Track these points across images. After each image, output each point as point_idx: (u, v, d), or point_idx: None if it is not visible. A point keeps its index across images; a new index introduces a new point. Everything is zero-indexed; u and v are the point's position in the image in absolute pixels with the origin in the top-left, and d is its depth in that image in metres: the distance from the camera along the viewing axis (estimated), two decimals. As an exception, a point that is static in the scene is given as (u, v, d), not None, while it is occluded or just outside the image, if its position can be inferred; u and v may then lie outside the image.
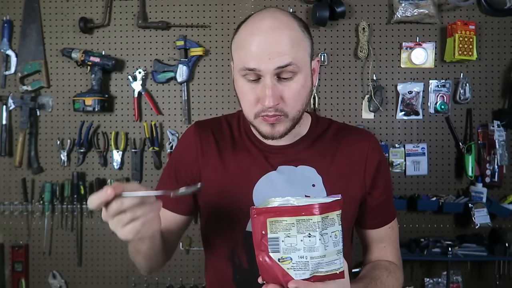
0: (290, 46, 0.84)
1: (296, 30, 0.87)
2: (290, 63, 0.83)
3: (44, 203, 2.01)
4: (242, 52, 0.86)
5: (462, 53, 1.87)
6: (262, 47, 0.83)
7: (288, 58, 0.83)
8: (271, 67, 0.83)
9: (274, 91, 0.83)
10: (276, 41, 0.83)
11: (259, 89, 0.85)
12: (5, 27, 2.01)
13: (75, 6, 2.03)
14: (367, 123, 2.00)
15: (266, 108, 0.84)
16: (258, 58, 0.83)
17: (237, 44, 0.91)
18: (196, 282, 2.02)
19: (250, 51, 0.84)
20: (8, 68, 2.03)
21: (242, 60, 0.86)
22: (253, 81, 0.86)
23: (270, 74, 0.83)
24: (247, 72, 0.85)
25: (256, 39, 0.84)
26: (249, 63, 0.84)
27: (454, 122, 1.99)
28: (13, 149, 2.04)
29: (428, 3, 1.91)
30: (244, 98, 0.89)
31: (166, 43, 2.02)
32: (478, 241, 1.91)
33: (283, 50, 0.83)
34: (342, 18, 1.96)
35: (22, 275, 2.02)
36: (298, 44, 0.85)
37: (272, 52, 0.82)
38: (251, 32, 0.86)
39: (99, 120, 2.03)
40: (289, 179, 0.94)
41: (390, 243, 1.04)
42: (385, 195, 1.00)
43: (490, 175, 1.93)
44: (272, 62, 0.82)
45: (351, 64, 2.00)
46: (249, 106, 0.87)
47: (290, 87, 0.85)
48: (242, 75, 0.87)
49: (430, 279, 2.00)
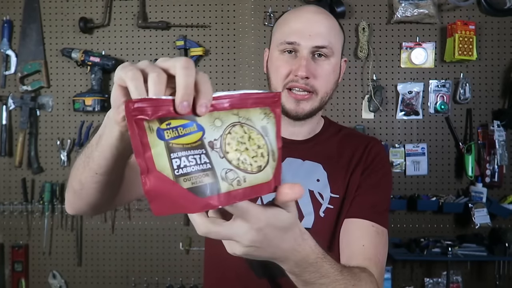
0: (329, 30, 0.92)
1: (335, 22, 0.96)
2: (327, 45, 0.90)
3: (44, 203, 2.01)
4: (286, 27, 0.93)
5: (462, 53, 1.87)
6: (305, 25, 0.91)
7: (326, 40, 0.91)
8: (310, 44, 0.90)
9: (308, 64, 0.89)
10: (318, 23, 0.91)
11: (294, 62, 0.91)
12: (5, 27, 2.01)
13: (75, 6, 2.03)
14: (367, 123, 2.00)
15: (299, 79, 0.89)
16: (300, 34, 0.90)
17: (280, 23, 0.97)
18: (196, 282, 2.02)
19: (293, 27, 0.91)
20: (8, 68, 2.03)
21: (284, 35, 0.92)
22: (290, 56, 0.92)
23: (307, 50, 0.90)
24: (286, 46, 0.91)
25: (300, 18, 0.92)
26: (291, 37, 0.90)
27: (454, 122, 1.99)
28: (13, 149, 2.04)
29: (428, 3, 1.91)
30: (277, 70, 0.93)
31: (166, 43, 2.02)
32: (478, 241, 1.91)
33: (323, 32, 0.90)
34: (342, 18, 1.96)
35: (22, 275, 2.02)
36: (335, 32, 0.94)
37: (313, 31, 0.90)
38: (296, 12, 0.95)
39: (99, 120, 2.03)
40: (295, 172, 0.94)
41: (372, 244, 0.86)
42: (373, 187, 0.93)
43: (490, 175, 1.93)
44: (312, 40, 0.90)
45: (351, 64, 2.00)
46: (281, 78, 0.92)
47: (322, 66, 0.92)
48: (281, 50, 0.93)
49: (430, 279, 2.00)
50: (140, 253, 2.04)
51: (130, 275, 2.04)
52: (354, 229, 0.88)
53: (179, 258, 2.03)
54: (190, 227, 2.04)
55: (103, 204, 0.73)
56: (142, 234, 2.04)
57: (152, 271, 2.04)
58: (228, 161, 0.47)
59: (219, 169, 0.46)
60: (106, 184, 0.66)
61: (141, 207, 2.02)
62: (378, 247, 0.87)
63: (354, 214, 0.90)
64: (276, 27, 0.98)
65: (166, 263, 2.03)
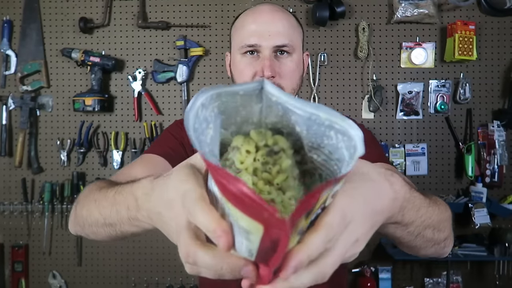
0: (288, 28, 0.92)
1: (292, 17, 0.96)
2: (287, 43, 0.91)
3: (44, 203, 2.01)
4: (243, 31, 0.93)
5: (462, 53, 1.87)
6: (263, 25, 0.91)
7: (286, 38, 0.91)
8: (271, 43, 0.90)
9: (272, 63, 0.90)
10: (276, 22, 0.91)
11: (257, 63, 0.91)
12: (5, 27, 2.01)
13: (75, 6, 2.03)
14: (367, 123, 2.00)
15: (263, 76, 0.90)
16: (259, 35, 0.90)
17: (237, 27, 0.97)
18: (196, 282, 2.02)
19: (251, 29, 0.92)
20: (8, 68, 2.03)
21: (243, 38, 0.92)
22: (252, 57, 0.92)
23: (269, 50, 0.90)
24: (247, 49, 0.92)
25: (257, 19, 0.93)
26: (250, 39, 0.91)
27: (454, 122, 1.99)
28: (13, 149, 2.04)
29: (428, 3, 1.91)
30: (241, 73, 0.94)
31: (166, 43, 2.02)
32: (478, 241, 1.91)
33: (281, 31, 0.91)
34: (342, 18, 1.96)
35: (22, 275, 2.02)
36: (294, 28, 0.94)
37: (272, 30, 0.90)
38: (252, 13, 0.94)
39: (99, 120, 2.03)
40: None
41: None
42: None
43: (490, 175, 1.93)
44: (272, 39, 0.90)
45: (351, 64, 2.00)
46: (247, 80, 0.92)
47: (286, 64, 0.92)
48: (242, 53, 0.93)
49: (430, 279, 2.00)
50: (140, 253, 2.04)
51: (130, 275, 2.04)
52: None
53: (179, 258, 2.02)
54: (190, 227, 2.03)
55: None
56: (142, 234, 2.03)
57: (152, 271, 2.04)
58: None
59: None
60: (122, 238, 0.65)
61: (141, 207, 2.02)
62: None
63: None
64: (234, 30, 0.98)
65: (166, 263, 2.03)
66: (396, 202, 0.48)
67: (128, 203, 0.54)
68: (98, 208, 0.63)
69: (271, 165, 0.40)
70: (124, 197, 0.56)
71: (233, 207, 0.36)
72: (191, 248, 0.39)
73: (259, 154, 0.41)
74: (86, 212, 0.67)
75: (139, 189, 0.52)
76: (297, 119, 0.40)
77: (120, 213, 0.57)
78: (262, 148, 0.41)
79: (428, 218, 0.58)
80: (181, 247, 0.40)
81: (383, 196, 0.46)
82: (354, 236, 0.40)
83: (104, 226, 0.62)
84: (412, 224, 0.55)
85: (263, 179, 0.40)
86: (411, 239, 0.59)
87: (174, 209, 0.43)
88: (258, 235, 0.35)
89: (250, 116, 0.42)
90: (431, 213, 0.58)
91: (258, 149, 0.41)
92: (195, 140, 0.36)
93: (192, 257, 0.39)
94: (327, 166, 0.40)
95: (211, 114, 0.39)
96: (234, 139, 0.42)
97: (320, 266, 0.37)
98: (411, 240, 0.60)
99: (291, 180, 0.41)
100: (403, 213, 0.52)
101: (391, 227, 0.54)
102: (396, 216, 0.50)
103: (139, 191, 0.52)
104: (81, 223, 0.69)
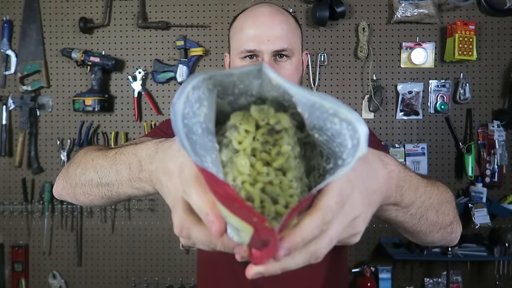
0: (287, 31, 0.90)
1: (290, 18, 0.95)
2: (286, 48, 0.90)
3: (44, 203, 2.01)
4: (242, 35, 0.92)
5: (462, 53, 1.87)
6: (261, 30, 0.89)
7: (285, 42, 0.89)
8: (270, 48, 0.88)
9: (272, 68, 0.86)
10: (275, 26, 0.90)
11: None
12: (5, 27, 2.01)
13: (75, 6, 2.03)
14: (367, 123, 1.99)
15: None
16: (258, 40, 0.89)
17: (236, 29, 0.95)
18: (196, 282, 2.02)
19: (249, 34, 0.89)
20: (8, 68, 2.03)
21: (242, 43, 0.90)
22: (251, 61, 0.91)
23: (268, 55, 0.89)
24: (246, 54, 0.90)
25: (256, 22, 0.90)
26: (249, 45, 0.89)
27: (454, 122, 1.99)
28: (13, 149, 2.04)
29: (428, 3, 1.91)
30: None
31: (166, 43, 2.02)
32: (478, 241, 1.91)
33: (280, 35, 0.89)
34: (342, 18, 1.96)
35: (22, 275, 2.02)
36: (292, 30, 0.93)
37: (271, 35, 0.88)
38: (251, 16, 0.92)
39: (99, 120, 2.03)
40: None
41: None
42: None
43: (490, 175, 1.93)
44: (271, 44, 0.88)
45: (351, 64, 2.00)
46: None
47: (285, 67, 0.91)
48: (241, 58, 0.92)
49: (430, 279, 2.00)
50: (140, 253, 2.04)
51: (130, 275, 2.04)
52: None
53: (179, 258, 2.03)
54: (190, 227, 2.03)
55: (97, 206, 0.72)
56: (142, 234, 2.04)
57: (152, 271, 2.04)
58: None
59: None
60: (114, 201, 0.64)
61: (141, 207, 2.02)
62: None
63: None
64: (233, 32, 0.96)
65: (166, 263, 2.03)
66: (391, 181, 0.49)
67: (130, 163, 0.53)
68: (95, 167, 0.61)
69: (271, 145, 0.39)
70: (126, 157, 0.55)
71: (223, 206, 0.35)
72: (186, 223, 0.40)
73: (259, 133, 0.39)
74: (81, 170, 0.64)
75: (144, 150, 0.51)
76: (299, 103, 0.38)
77: (120, 173, 0.56)
78: (263, 127, 0.39)
79: (428, 198, 0.58)
80: (175, 220, 0.41)
81: (377, 175, 0.47)
82: (350, 216, 0.40)
83: (100, 185, 0.60)
84: (412, 205, 0.55)
85: (261, 160, 0.38)
86: (414, 222, 0.59)
87: (172, 181, 0.43)
88: (248, 233, 0.35)
89: (249, 89, 0.39)
90: (430, 193, 0.59)
91: (258, 127, 0.39)
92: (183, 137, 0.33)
93: (185, 232, 0.40)
94: (328, 145, 0.39)
95: (204, 92, 0.36)
96: (232, 116, 0.40)
97: (314, 247, 0.37)
98: (415, 224, 0.59)
99: (291, 160, 0.39)
100: (401, 193, 0.52)
101: (392, 209, 0.54)
102: (394, 196, 0.51)
103: (143, 152, 0.51)
104: (73, 182, 0.66)
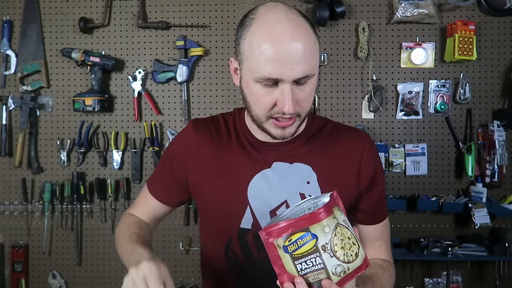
0: (310, 54, 0.82)
1: (311, 34, 0.84)
2: (309, 73, 0.82)
3: (44, 203, 2.01)
4: (261, 57, 0.81)
5: (462, 53, 1.87)
6: (283, 54, 0.80)
7: (308, 68, 0.82)
8: (293, 76, 0.81)
9: (293, 96, 0.82)
10: (298, 50, 0.80)
11: (277, 93, 0.83)
12: (5, 27, 2.01)
13: (75, 6, 2.03)
14: (367, 123, 2.00)
15: (285, 113, 0.83)
16: (279, 67, 0.80)
17: (252, 45, 0.83)
18: (196, 282, 2.02)
19: (270, 58, 0.80)
20: (8, 68, 2.03)
21: (260, 66, 0.82)
22: (270, 86, 0.83)
23: (289, 82, 0.82)
24: (265, 81, 0.83)
25: (277, 44, 0.80)
26: (270, 72, 0.81)
27: (454, 122, 1.99)
28: (13, 149, 2.04)
29: (428, 3, 1.91)
30: (258, 101, 0.86)
31: (166, 43, 2.02)
32: (478, 241, 1.91)
33: (303, 59, 0.81)
34: (342, 18, 1.96)
35: (22, 275, 2.02)
36: (314, 50, 0.84)
37: (293, 61, 0.80)
38: (269, 33, 0.81)
39: (99, 120, 2.03)
40: (284, 177, 0.94)
41: (384, 241, 1.05)
42: (380, 196, 1.02)
43: (490, 175, 1.93)
44: (294, 72, 0.80)
45: (351, 64, 2.00)
46: (264, 109, 0.85)
47: (304, 90, 0.84)
48: (258, 81, 0.84)
49: (430, 279, 2.00)
50: (140, 253, 2.04)
51: (130, 275, 2.04)
52: (368, 233, 1.02)
53: (179, 258, 2.03)
54: (190, 227, 2.04)
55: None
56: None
57: (152, 271, 2.03)
58: (337, 258, 0.66)
59: (330, 266, 0.66)
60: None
61: (141, 207, 2.02)
62: (388, 237, 1.06)
63: (366, 222, 1.02)
64: (249, 47, 0.84)
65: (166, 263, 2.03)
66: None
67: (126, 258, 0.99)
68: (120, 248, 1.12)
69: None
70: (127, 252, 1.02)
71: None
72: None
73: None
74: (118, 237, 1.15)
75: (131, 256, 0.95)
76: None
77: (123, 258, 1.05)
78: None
79: None
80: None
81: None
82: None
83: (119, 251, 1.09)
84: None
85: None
86: None
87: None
88: None
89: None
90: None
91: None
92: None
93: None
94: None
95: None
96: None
97: None
98: None
99: None
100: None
101: None
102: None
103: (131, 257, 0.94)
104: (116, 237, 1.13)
